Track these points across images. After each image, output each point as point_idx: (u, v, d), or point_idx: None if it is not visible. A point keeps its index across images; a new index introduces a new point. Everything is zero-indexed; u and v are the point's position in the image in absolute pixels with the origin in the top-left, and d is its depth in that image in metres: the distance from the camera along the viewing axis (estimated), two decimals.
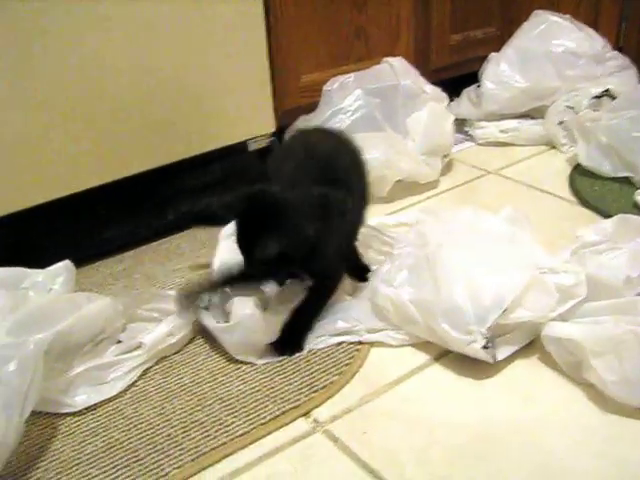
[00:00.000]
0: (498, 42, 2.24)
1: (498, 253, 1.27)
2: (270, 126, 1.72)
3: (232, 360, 1.27)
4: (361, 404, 1.18)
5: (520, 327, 1.23)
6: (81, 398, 1.20)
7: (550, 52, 2.07)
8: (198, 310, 1.29)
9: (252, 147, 1.72)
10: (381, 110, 1.90)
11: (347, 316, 1.30)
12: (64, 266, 1.33)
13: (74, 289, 1.35)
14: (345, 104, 1.88)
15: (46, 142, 1.43)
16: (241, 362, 1.27)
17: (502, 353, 1.22)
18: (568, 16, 2.14)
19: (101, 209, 1.57)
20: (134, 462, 1.09)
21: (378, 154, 1.74)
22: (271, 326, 1.27)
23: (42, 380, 1.09)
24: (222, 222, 1.25)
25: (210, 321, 1.29)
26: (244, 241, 1.17)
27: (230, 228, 1.32)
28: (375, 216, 1.61)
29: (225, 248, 1.40)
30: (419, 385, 1.22)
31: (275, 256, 1.12)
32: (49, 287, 1.29)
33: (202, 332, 1.34)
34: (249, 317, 1.24)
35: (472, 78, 2.20)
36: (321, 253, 1.20)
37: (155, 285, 1.50)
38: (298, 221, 1.17)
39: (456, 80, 2.21)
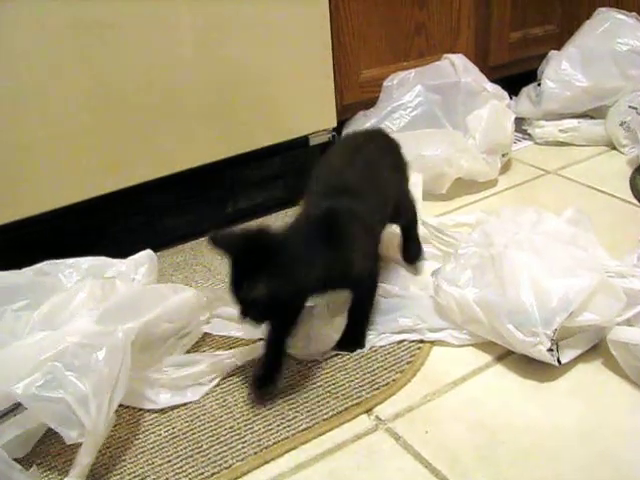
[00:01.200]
0: (558, 40, 2.22)
1: (563, 254, 1.26)
2: (331, 121, 1.72)
3: (293, 356, 1.27)
4: (423, 403, 1.18)
5: (585, 330, 1.21)
6: (165, 397, 1.20)
7: (614, 51, 2.03)
8: None
9: (313, 142, 1.72)
10: (441, 107, 1.89)
11: (409, 314, 1.30)
12: (147, 255, 1.34)
13: (156, 279, 1.36)
14: (405, 100, 1.88)
15: (114, 132, 1.45)
16: (303, 359, 1.26)
17: (566, 356, 1.20)
18: (633, 14, 2.09)
19: (163, 199, 1.57)
20: (197, 453, 1.10)
21: (439, 151, 1.73)
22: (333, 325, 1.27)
23: (129, 371, 1.10)
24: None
25: None
26: (234, 281, 1.12)
27: None
28: (433, 214, 1.61)
29: None
30: (481, 386, 1.21)
31: (262, 299, 1.09)
32: (132, 276, 1.30)
33: None
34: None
35: (530, 76, 2.17)
36: (342, 272, 1.18)
37: (216, 277, 1.51)
38: (292, 267, 1.11)
39: (514, 78, 2.19)
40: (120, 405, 1.13)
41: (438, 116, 1.88)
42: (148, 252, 1.35)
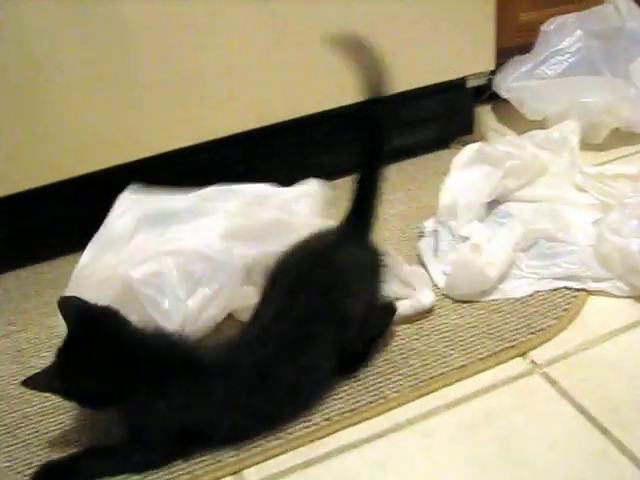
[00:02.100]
0: None
1: None
2: (490, 64, 1.69)
3: (447, 294, 1.27)
4: (579, 351, 1.16)
5: None
6: None
7: None
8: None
9: (470, 84, 1.69)
10: (602, 53, 1.82)
11: (574, 260, 1.28)
12: (311, 185, 1.35)
13: (320, 211, 1.35)
14: (563, 45, 1.82)
15: (286, 66, 1.49)
16: (458, 299, 1.27)
17: None
18: None
19: (319, 135, 1.59)
20: (354, 382, 1.13)
21: (598, 99, 1.67)
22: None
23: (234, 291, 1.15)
24: None
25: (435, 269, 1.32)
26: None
27: (462, 157, 1.38)
28: (590, 163, 1.56)
29: (455, 179, 1.39)
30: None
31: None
32: (293, 206, 1.31)
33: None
34: (467, 262, 1.25)
35: None
36: None
37: None
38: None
39: None
40: None
41: (598, 63, 1.81)
42: (314, 181, 1.35)
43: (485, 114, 1.91)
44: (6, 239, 1.47)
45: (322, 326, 1.04)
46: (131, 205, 1.25)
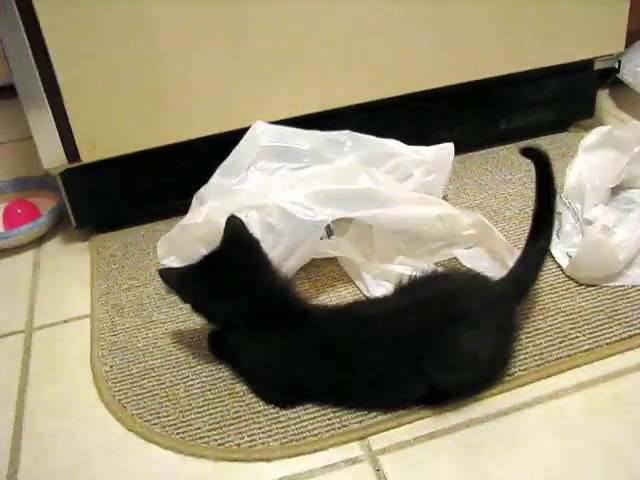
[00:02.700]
0: None
1: None
2: (620, 45, 1.63)
3: (571, 276, 1.25)
4: None
5: None
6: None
7: None
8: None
9: (597, 66, 1.64)
10: None
11: None
12: (447, 149, 1.34)
13: (449, 176, 1.35)
14: None
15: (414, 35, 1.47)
16: (583, 282, 1.25)
17: None
18: None
19: (438, 109, 1.57)
20: None
21: None
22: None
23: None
24: None
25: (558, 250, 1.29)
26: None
27: (591, 139, 1.36)
28: None
29: (582, 161, 1.36)
30: None
31: None
32: (411, 171, 1.31)
33: None
34: (597, 243, 1.21)
35: None
36: None
37: (487, 192, 1.50)
38: None
39: None
40: None
41: None
42: (448, 146, 1.35)
43: (605, 99, 1.85)
44: (125, 195, 1.50)
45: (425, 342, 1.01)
46: (258, 136, 1.31)
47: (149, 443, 1.04)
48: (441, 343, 1.00)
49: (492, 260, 1.25)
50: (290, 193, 1.20)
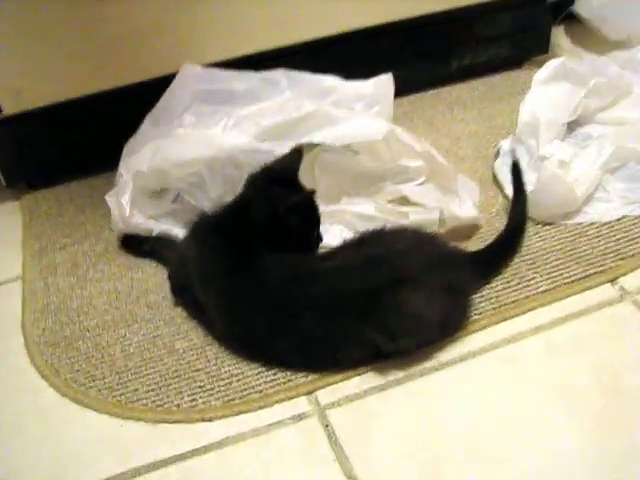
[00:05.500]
0: None
1: None
2: None
3: (533, 218, 1.20)
4: None
5: None
6: None
7: None
8: None
9: None
10: None
11: None
12: (385, 81, 1.26)
13: (392, 109, 1.26)
14: None
15: None
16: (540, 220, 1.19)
17: None
18: None
19: (385, 47, 1.50)
20: None
21: None
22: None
23: None
24: None
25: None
26: None
27: (544, 72, 1.30)
28: None
29: (536, 96, 1.30)
30: None
31: None
32: (351, 104, 1.23)
33: None
34: (554, 177, 1.16)
35: None
36: None
37: (439, 132, 1.44)
38: None
39: None
40: None
41: None
42: (386, 77, 1.26)
43: (559, 35, 1.79)
44: (55, 149, 1.40)
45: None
46: (189, 80, 1.23)
47: (85, 408, 0.98)
48: (386, 305, 0.93)
49: (443, 195, 1.19)
50: (238, 136, 1.14)
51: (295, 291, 0.95)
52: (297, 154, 1.08)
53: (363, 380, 0.97)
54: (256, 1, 1.36)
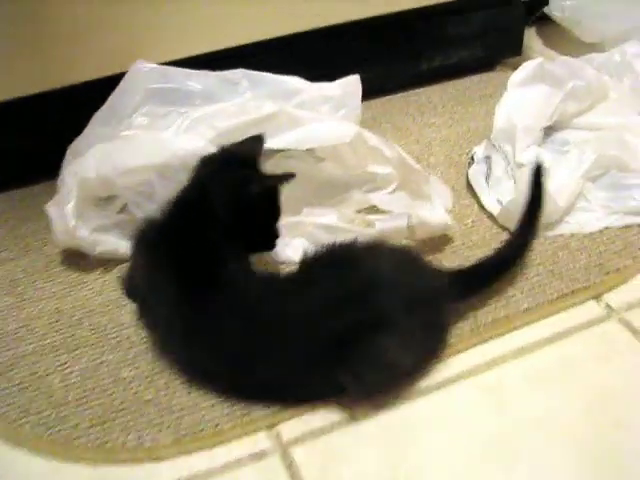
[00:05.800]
0: None
1: None
2: None
3: (504, 225, 1.12)
4: None
5: None
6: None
7: None
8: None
9: None
10: None
11: None
12: (352, 82, 1.18)
13: (359, 112, 1.19)
14: None
15: None
16: None
17: None
18: None
19: (352, 47, 1.41)
20: None
21: None
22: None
23: None
24: None
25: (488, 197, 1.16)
26: None
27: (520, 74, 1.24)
28: None
29: (511, 99, 1.22)
30: None
31: None
32: (317, 107, 1.15)
33: None
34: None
35: None
36: None
37: (409, 137, 1.36)
38: None
39: None
40: None
41: None
42: (354, 79, 1.18)
43: (532, 37, 1.73)
44: None
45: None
46: (141, 78, 1.15)
47: (15, 448, 0.86)
48: (360, 351, 0.83)
49: (414, 201, 1.10)
50: (193, 139, 1.05)
51: (263, 315, 0.85)
52: (258, 139, 0.99)
53: (330, 412, 0.87)
54: None
